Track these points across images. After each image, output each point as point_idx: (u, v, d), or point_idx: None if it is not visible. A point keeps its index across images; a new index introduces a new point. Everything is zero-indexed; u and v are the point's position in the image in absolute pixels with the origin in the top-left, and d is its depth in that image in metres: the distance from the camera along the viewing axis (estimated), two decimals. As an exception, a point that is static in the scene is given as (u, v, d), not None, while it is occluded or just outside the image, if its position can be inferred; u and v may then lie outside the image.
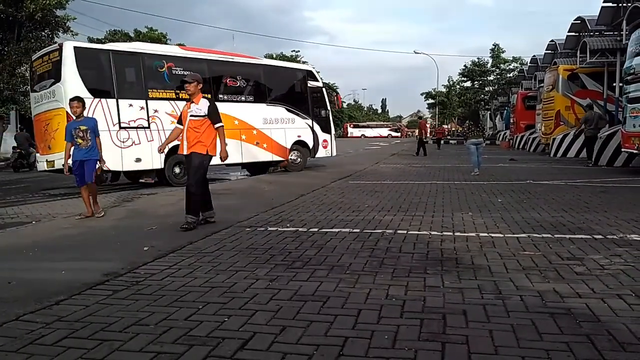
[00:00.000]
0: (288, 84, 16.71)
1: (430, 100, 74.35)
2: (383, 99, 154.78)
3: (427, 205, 8.18)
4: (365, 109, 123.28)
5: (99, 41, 48.87)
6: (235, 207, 8.38)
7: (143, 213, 8.09)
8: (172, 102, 13.25)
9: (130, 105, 12.68)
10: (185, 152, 6.83)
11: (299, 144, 16.35)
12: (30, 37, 25.00)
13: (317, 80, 17.33)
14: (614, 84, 20.57)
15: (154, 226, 6.71)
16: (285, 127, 15.90)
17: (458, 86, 66.28)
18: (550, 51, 30.65)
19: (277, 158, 15.87)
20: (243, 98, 15.11)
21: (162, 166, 12.95)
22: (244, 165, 16.61)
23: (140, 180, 13.60)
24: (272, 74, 16.33)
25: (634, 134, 13.17)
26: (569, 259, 4.64)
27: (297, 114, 16.22)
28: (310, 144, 16.53)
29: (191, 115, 6.70)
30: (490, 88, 55.93)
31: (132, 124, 12.61)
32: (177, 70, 13.53)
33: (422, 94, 77.88)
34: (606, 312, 3.27)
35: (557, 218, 6.73)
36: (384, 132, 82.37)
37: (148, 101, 12.96)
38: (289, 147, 16.02)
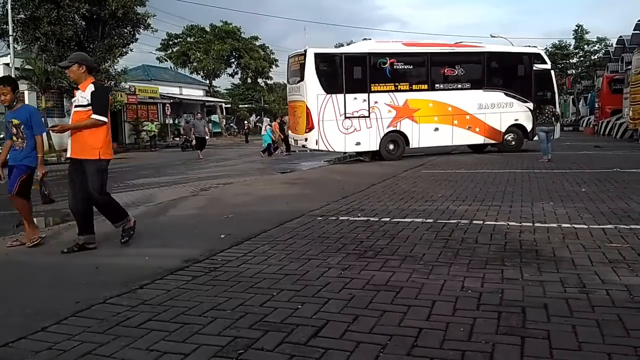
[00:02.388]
0: (510, 68, 17.16)
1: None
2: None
3: (505, 194, 7.90)
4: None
5: (177, 36, 50.89)
6: (306, 196, 8.48)
7: (219, 202, 8.34)
8: (391, 94, 15.50)
9: (355, 98, 15.20)
10: (69, 155, 5.21)
11: (516, 127, 16.73)
12: (113, 35, 26.36)
13: (545, 63, 17.30)
14: None
15: (230, 214, 6.90)
16: (502, 111, 16.46)
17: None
18: (638, 31, 28.69)
19: (488, 141, 16.67)
20: (459, 86, 16.22)
21: (377, 149, 15.64)
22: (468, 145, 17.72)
23: (360, 158, 16.38)
24: (493, 60, 16.99)
25: None
26: (661, 252, 4.33)
27: (517, 98, 16.55)
28: (529, 127, 16.60)
29: (76, 106, 5.17)
30: (573, 71, 53.02)
31: (355, 114, 15.20)
32: (398, 65, 15.68)
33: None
34: None
35: (647, 208, 6.30)
36: None
37: (370, 94, 15.30)
38: (503, 130, 16.60)
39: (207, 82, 51.50)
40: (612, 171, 10.47)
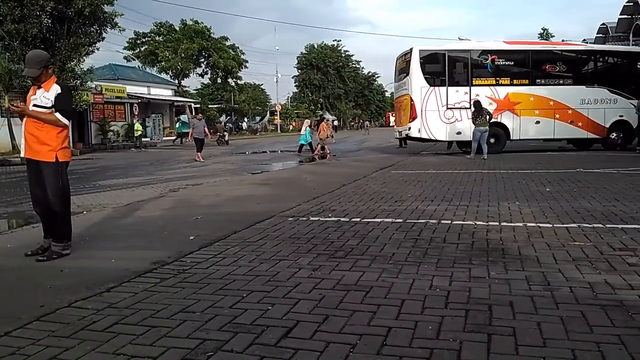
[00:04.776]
0: (616, 66, 17.81)
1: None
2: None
3: (472, 194, 8.03)
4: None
5: (145, 35, 50.12)
6: (277, 197, 8.46)
7: (188, 203, 8.25)
8: (492, 87, 16.71)
9: (457, 91, 16.68)
10: (23, 155, 4.91)
11: (621, 124, 17.05)
12: (79, 33, 25.79)
13: None
14: None
15: (199, 216, 6.83)
16: (606, 107, 16.83)
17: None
18: (601, 35, 29.60)
19: (592, 136, 17.10)
20: (561, 81, 16.91)
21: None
22: (569, 141, 18.46)
23: (462, 149, 17.67)
24: (597, 58, 17.68)
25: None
26: (621, 249, 4.47)
27: (622, 95, 16.87)
28: (634, 124, 16.78)
29: (34, 105, 4.80)
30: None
31: (457, 106, 16.60)
32: (499, 61, 16.99)
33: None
34: (662, 305, 3.13)
35: (608, 207, 6.49)
36: None
37: (471, 87, 16.68)
38: (607, 126, 16.97)
39: (176, 81, 50.92)
40: (575, 171, 10.76)
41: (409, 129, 16.85)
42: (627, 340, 2.66)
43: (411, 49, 16.87)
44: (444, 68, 16.92)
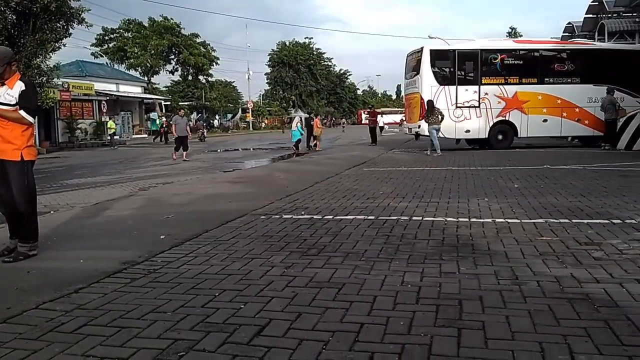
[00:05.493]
0: (624, 65, 17.61)
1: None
2: (398, 85, 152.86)
3: (443, 191, 8.13)
4: (380, 95, 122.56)
5: (113, 31, 49.25)
6: (250, 195, 8.42)
7: (159, 202, 8.15)
8: (501, 86, 17.06)
9: (466, 90, 17.07)
10: None
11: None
12: (45, 29, 25.15)
13: None
14: None
15: (170, 215, 6.76)
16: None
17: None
18: (567, 34, 30.22)
19: (597, 133, 17.16)
20: (569, 80, 17.08)
21: (486, 136, 17.28)
22: (574, 138, 18.71)
23: (471, 145, 18.32)
24: (605, 56, 17.71)
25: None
26: (587, 244, 4.58)
27: (629, 94, 17.08)
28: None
29: None
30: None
31: (466, 104, 17.03)
32: (509, 60, 17.27)
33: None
34: (624, 297, 3.23)
35: (574, 203, 6.65)
36: (398, 118, 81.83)
37: (480, 86, 17.06)
38: None
39: (146, 78, 50.19)
40: (543, 168, 10.99)
41: (419, 126, 17.22)
42: (593, 332, 2.73)
43: (422, 48, 17.32)
44: (454, 67, 17.34)
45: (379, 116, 29.93)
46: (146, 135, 41.98)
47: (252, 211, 6.76)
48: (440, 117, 15.47)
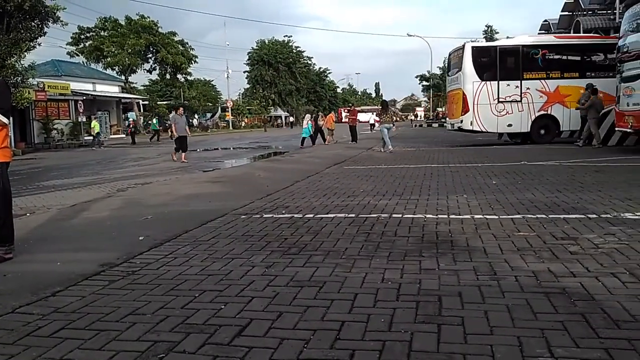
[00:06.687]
0: None
1: (425, 83, 74.16)
2: (376, 83, 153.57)
3: (422, 188, 8.19)
4: (360, 93, 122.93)
5: (89, 30, 48.53)
6: (230, 195, 8.38)
7: (137, 203, 8.06)
8: (542, 80, 17.47)
9: (508, 85, 17.42)
10: None
11: None
12: (19, 28, 24.71)
13: None
14: None
15: (149, 215, 6.69)
16: None
17: (452, 69, 66.20)
18: (543, 31, 30.62)
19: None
20: (610, 74, 16.59)
21: (528, 130, 17.66)
22: None
23: (512, 140, 18.83)
24: None
25: (628, 112, 13.18)
26: (563, 238, 4.66)
27: None
28: None
29: None
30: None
31: (508, 99, 17.43)
32: (550, 55, 17.64)
33: (416, 77, 77.67)
34: (600, 291, 3.29)
35: (551, 198, 6.75)
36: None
37: (522, 81, 17.45)
38: None
39: (123, 78, 49.58)
40: (520, 164, 11.14)
41: (461, 121, 17.76)
42: (570, 325, 2.78)
43: (464, 45, 17.86)
44: (495, 63, 17.68)
45: (371, 115, 30.44)
46: (124, 136, 41.53)
47: (232, 211, 6.73)
48: (393, 117, 15.96)
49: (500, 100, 17.52)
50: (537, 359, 2.45)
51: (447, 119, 20.67)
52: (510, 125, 17.73)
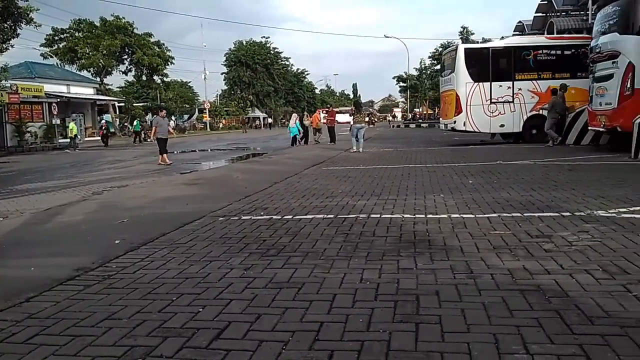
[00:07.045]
0: None
1: (402, 84, 74.63)
2: (354, 84, 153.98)
3: (400, 188, 8.24)
4: (338, 94, 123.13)
5: (63, 31, 47.67)
6: (207, 197, 8.32)
7: (113, 206, 7.95)
8: (534, 81, 17.69)
9: (500, 85, 17.68)
10: None
11: None
12: (-9, 29, 24.18)
13: None
14: None
15: (125, 219, 6.61)
16: None
17: (429, 70, 66.75)
18: (518, 32, 31.04)
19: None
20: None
21: (520, 130, 17.90)
22: None
23: (506, 139, 18.97)
24: None
25: (600, 112, 13.44)
26: (538, 236, 4.73)
27: None
28: None
29: None
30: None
31: (500, 100, 17.68)
32: (541, 56, 17.81)
33: (393, 78, 78.13)
34: (574, 288, 3.35)
35: (526, 197, 6.85)
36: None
37: (514, 82, 17.71)
38: None
39: (98, 79, 48.84)
40: (496, 164, 11.28)
41: (454, 122, 18.03)
42: (545, 322, 2.82)
43: (456, 47, 18.20)
44: (488, 64, 17.89)
45: (349, 115, 30.68)
46: (99, 138, 40.93)
47: (210, 213, 6.68)
48: (367, 117, 16.13)
49: (493, 101, 17.82)
50: (512, 355, 2.48)
51: (441, 119, 20.94)
52: (502, 125, 18.00)
